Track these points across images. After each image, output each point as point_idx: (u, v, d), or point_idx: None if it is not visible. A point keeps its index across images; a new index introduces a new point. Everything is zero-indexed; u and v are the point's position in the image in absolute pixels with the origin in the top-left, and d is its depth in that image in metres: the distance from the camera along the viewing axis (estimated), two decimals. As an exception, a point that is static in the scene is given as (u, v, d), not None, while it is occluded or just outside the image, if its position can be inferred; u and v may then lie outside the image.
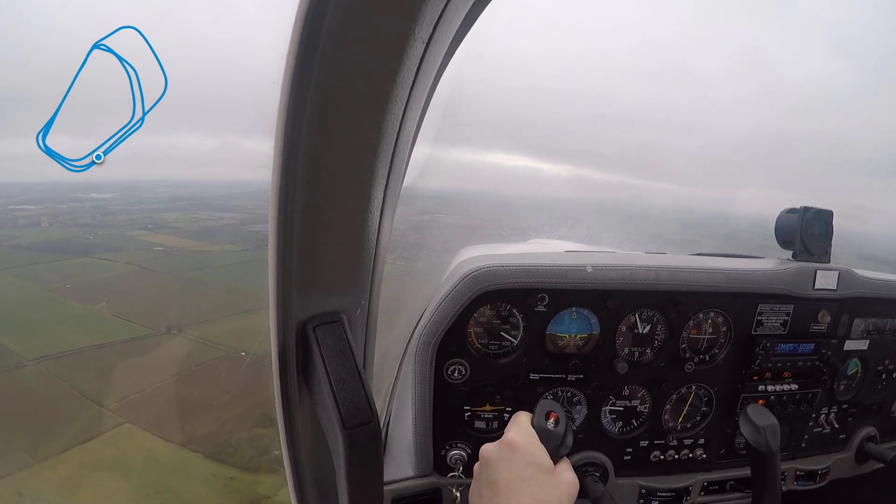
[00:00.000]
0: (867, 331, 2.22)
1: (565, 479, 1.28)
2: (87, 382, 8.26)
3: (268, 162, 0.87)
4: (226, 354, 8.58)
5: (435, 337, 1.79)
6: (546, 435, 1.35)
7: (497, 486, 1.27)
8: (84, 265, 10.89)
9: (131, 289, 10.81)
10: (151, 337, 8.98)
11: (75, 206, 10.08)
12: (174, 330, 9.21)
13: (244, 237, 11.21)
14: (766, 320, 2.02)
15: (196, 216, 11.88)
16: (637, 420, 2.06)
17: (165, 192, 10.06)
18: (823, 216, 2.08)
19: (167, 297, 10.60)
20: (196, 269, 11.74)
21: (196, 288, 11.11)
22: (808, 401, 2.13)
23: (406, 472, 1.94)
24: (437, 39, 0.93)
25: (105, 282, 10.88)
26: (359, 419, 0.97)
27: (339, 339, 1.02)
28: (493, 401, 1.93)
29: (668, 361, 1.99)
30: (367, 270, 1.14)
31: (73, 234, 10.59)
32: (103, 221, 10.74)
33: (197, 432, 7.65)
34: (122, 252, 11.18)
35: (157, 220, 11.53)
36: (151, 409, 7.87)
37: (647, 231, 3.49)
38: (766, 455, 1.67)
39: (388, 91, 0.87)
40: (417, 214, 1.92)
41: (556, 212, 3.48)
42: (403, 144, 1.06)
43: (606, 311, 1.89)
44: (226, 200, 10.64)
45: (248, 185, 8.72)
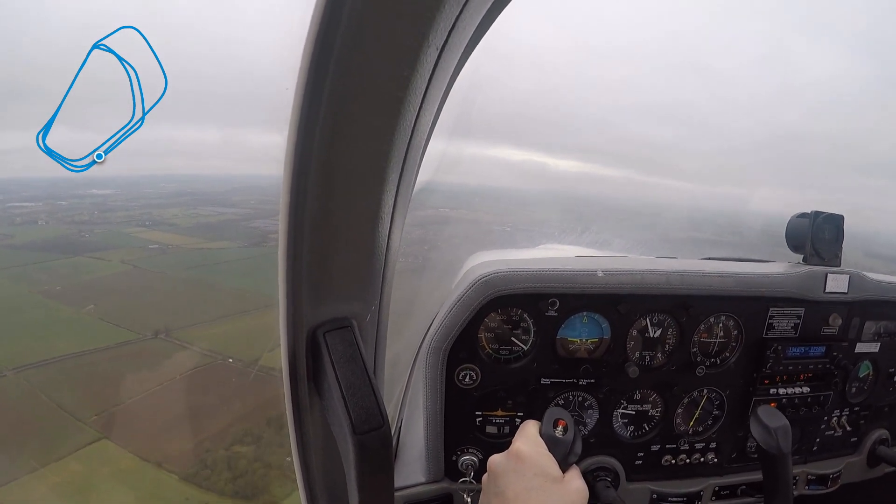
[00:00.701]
0: (878, 333, 2.21)
1: (573, 488, 1.28)
2: (67, 393, 7.99)
3: (273, 156, 0.87)
4: (212, 361, 8.38)
5: (446, 342, 1.79)
6: (554, 443, 1.35)
7: (505, 497, 1.27)
8: (77, 265, 10.76)
9: (122, 290, 10.64)
10: (137, 342, 8.79)
11: (75, 203, 9.95)
12: (161, 334, 9.04)
13: (243, 233, 11.16)
14: (777, 324, 2.02)
15: (196, 212, 11.72)
16: (648, 424, 2.05)
17: (168, 188, 9.97)
18: (834, 220, 2.07)
19: (157, 298, 10.44)
20: (190, 267, 11.61)
21: (188, 288, 10.96)
22: (819, 403, 2.12)
23: (417, 478, 1.94)
24: (451, 46, 0.92)
25: (96, 282, 10.70)
26: (369, 425, 0.97)
27: (349, 344, 1.02)
28: (504, 406, 1.93)
29: (679, 365, 1.98)
30: (377, 276, 1.14)
31: (69, 231, 10.45)
32: (101, 218, 10.60)
33: (175, 450, 7.43)
34: (117, 250, 11.05)
35: (155, 217, 11.39)
36: (130, 422, 7.61)
37: (658, 233, 3.48)
38: (778, 457, 1.67)
39: (401, 97, 0.87)
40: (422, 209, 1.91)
41: (567, 209, 3.47)
42: (415, 149, 1.06)
43: (617, 315, 1.88)
44: (227, 195, 10.50)
45: (251, 179, 8.61)
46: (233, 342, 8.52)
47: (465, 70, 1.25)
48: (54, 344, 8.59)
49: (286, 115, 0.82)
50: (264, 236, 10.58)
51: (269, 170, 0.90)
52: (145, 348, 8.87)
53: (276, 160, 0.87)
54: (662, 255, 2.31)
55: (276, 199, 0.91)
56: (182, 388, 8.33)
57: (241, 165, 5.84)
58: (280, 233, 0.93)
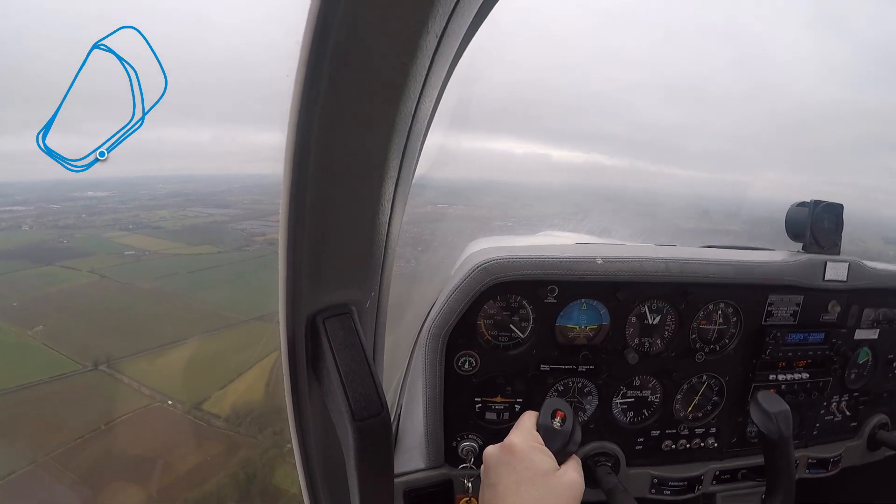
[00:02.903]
0: (877, 321, 2.23)
1: (566, 481, 1.28)
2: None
3: (274, 155, 0.87)
4: (149, 404, 7.34)
5: (445, 329, 1.79)
6: (552, 434, 1.36)
7: (496, 490, 1.28)
8: (46, 275, 9.76)
9: (79, 306, 9.59)
10: (73, 375, 7.66)
11: (67, 206, 9.43)
12: (102, 365, 7.90)
13: (226, 236, 10.56)
14: (776, 311, 2.02)
15: (185, 213, 11.01)
16: (648, 410, 2.06)
17: (164, 188, 9.39)
18: (834, 209, 2.07)
19: (114, 316, 9.40)
20: (160, 276, 10.58)
21: (152, 302, 9.92)
22: (819, 389, 2.14)
23: (417, 464, 1.95)
24: (450, 33, 0.92)
25: (58, 296, 9.68)
26: (369, 411, 0.97)
27: (349, 331, 1.02)
28: (503, 392, 1.94)
29: (678, 352, 1.99)
30: (377, 263, 1.14)
31: (50, 237, 9.74)
32: (86, 222, 9.99)
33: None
34: (90, 258, 10.13)
35: (142, 219, 10.69)
36: (51, 483, 6.35)
37: (659, 221, 3.47)
38: (779, 442, 1.68)
39: (401, 85, 0.87)
40: (422, 206, 1.90)
41: (567, 200, 3.47)
42: (415, 137, 1.06)
43: (616, 302, 1.89)
44: (222, 196, 10.06)
45: (248, 179, 8.17)
46: (182, 375, 7.72)
47: (465, 57, 1.25)
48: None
49: (286, 103, 0.82)
50: (248, 239, 10.17)
51: (267, 166, 0.90)
52: (79, 384, 7.62)
53: (276, 151, 0.87)
54: (662, 243, 2.31)
55: (269, 199, 0.91)
56: (116, 436, 7.08)
57: (238, 163, 5.68)
58: (280, 219, 0.93)
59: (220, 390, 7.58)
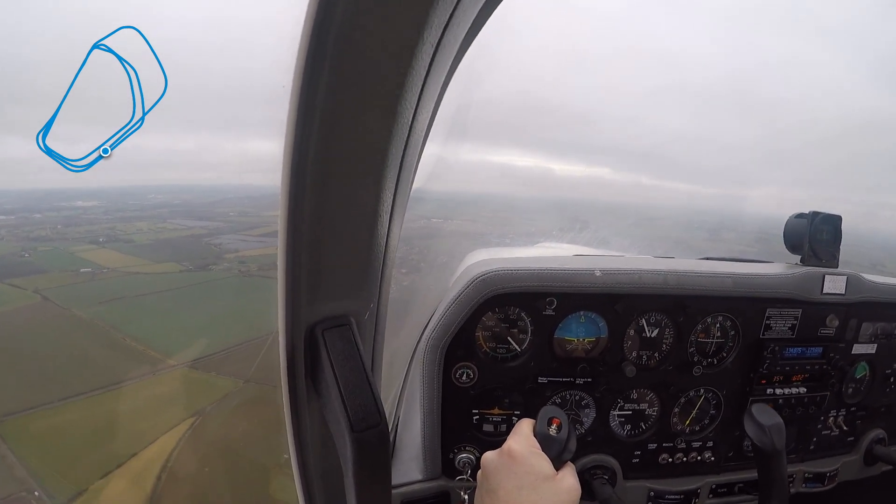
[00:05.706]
0: (875, 335, 2.22)
1: (565, 486, 1.28)
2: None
3: (272, 165, 0.87)
4: (12, 494, 5.84)
5: (443, 340, 1.79)
6: (548, 441, 1.35)
7: (496, 495, 1.27)
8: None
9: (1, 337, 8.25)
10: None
11: (50, 216, 8.83)
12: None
13: (196, 252, 9.78)
14: (774, 324, 2.02)
15: (164, 225, 10.36)
16: (645, 423, 2.05)
17: (154, 199, 9.16)
18: (832, 221, 2.07)
19: (25, 354, 7.80)
20: (105, 301, 9.38)
21: (82, 335, 8.52)
22: (816, 403, 2.13)
23: (414, 476, 1.95)
24: (446, 43, 0.92)
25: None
26: (367, 422, 0.97)
27: (347, 342, 1.02)
28: (501, 404, 1.93)
29: (676, 365, 1.99)
30: (375, 274, 1.14)
31: (13, 250, 8.92)
32: (59, 234, 9.30)
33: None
34: (41, 276, 9.11)
35: (117, 232, 9.92)
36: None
37: (657, 233, 3.48)
38: (772, 454, 1.67)
39: (398, 95, 0.87)
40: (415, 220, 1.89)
41: (566, 213, 3.47)
42: (413, 148, 1.06)
43: (615, 314, 1.89)
44: (211, 207, 9.62)
45: (243, 190, 7.83)
46: (65, 448, 6.39)
47: (461, 68, 1.25)
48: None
49: (283, 114, 0.82)
50: (219, 256, 9.57)
51: (265, 176, 0.90)
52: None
53: (274, 162, 0.87)
54: (660, 255, 2.31)
55: (255, 211, 0.91)
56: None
57: (236, 174, 5.60)
58: (279, 230, 0.93)
59: (102, 479, 6.16)
